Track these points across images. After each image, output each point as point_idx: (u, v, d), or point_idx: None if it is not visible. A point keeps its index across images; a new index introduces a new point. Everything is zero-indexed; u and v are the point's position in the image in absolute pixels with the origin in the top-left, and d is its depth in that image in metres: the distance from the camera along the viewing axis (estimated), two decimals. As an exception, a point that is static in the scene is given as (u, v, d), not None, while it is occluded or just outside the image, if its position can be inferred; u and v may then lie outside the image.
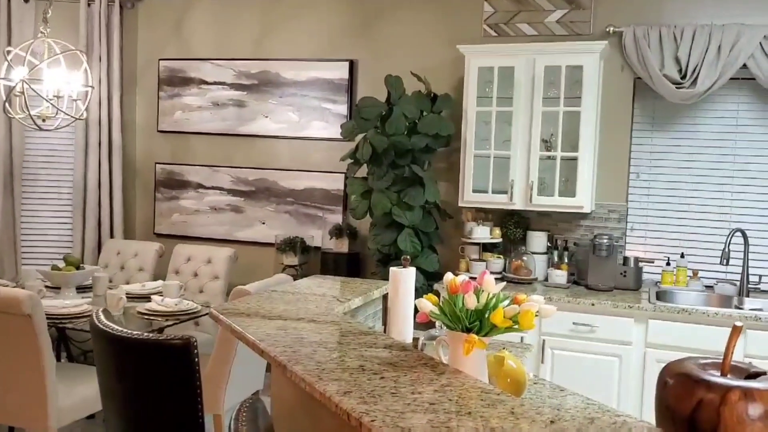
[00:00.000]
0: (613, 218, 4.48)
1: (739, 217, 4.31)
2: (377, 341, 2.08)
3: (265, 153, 5.33)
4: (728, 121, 4.31)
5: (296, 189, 5.22)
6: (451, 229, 4.75)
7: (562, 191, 4.25)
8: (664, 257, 4.39)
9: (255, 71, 5.31)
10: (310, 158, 5.19)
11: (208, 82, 5.46)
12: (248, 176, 5.36)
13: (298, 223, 5.21)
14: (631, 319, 3.83)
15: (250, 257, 5.29)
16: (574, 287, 4.25)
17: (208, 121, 5.47)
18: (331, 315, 2.42)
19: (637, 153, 4.48)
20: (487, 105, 4.35)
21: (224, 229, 5.44)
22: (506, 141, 4.32)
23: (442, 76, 4.75)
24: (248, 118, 5.35)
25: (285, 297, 2.70)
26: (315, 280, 3.13)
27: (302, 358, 1.88)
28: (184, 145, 5.58)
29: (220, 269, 4.86)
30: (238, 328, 2.20)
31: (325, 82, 5.10)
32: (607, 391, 3.85)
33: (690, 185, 4.39)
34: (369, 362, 1.86)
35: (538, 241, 4.42)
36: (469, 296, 1.89)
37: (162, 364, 1.83)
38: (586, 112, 4.16)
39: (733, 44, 4.04)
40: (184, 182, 5.56)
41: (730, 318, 3.64)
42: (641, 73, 4.28)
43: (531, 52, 4.22)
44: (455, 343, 1.93)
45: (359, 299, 2.76)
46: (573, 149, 4.21)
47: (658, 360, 3.76)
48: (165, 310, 3.93)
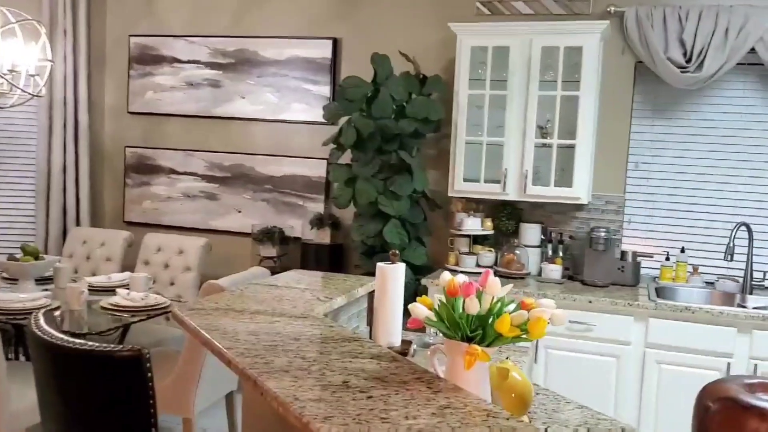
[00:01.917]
0: (611, 210, 4.25)
1: (742, 210, 4.09)
2: (363, 349, 1.81)
3: (242, 137, 5.03)
4: (733, 109, 4.08)
5: (275, 175, 4.93)
6: (439, 220, 4.50)
7: (558, 181, 4.00)
8: (662, 251, 4.17)
9: (232, 49, 5.01)
10: (290, 143, 4.90)
11: (182, 61, 5.15)
12: (224, 161, 5.07)
13: (277, 211, 4.92)
14: (631, 317, 3.60)
15: (225, 248, 5.01)
16: (568, 283, 4.02)
17: (181, 102, 5.16)
18: (310, 317, 2.14)
19: (637, 142, 4.24)
20: (480, 88, 4.08)
21: (198, 217, 5.15)
22: (499, 127, 4.06)
23: (432, 56, 4.47)
24: (224, 99, 5.05)
25: (259, 295, 2.41)
26: (294, 275, 2.85)
27: (276, 371, 1.61)
28: (156, 128, 5.27)
29: (192, 260, 4.58)
30: (203, 332, 1.92)
31: (307, 62, 4.80)
32: (604, 394, 3.64)
33: (691, 176, 4.17)
34: (354, 376, 1.59)
35: (531, 234, 4.18)
36: (470, 300, 1.62)
37: (109, 379, 1.55)
38: (584, 97, 3.91)
39: (741, 27, 3.80)
40: (155, 167, 5.26)
41: (736, 318, 3.43)
42: (643, 57, 4.04)
43: (527, 32, 3.96)
44: (454, 353, 1.66)
45: (342, 298, 2.49)
46: (570, 136, 3.96)
47: (659, 361, 3.56)
48: (131, 305, 3.65)
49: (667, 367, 3.55)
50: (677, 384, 3.52)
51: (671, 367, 3.54)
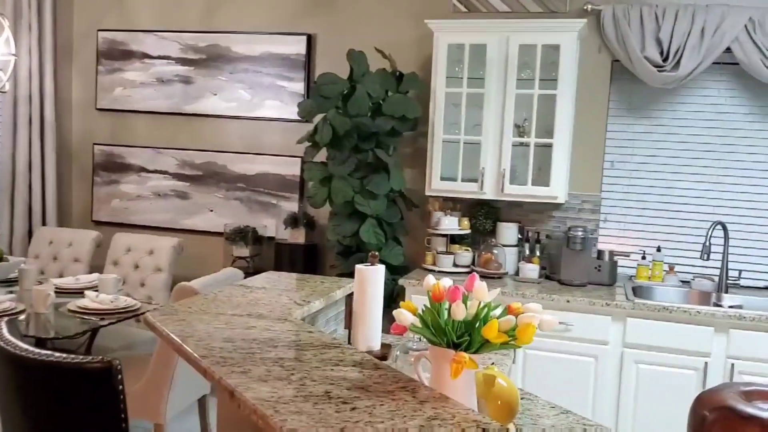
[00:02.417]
0: (587, 209, 4.23)
1: (717, 209, 4.10)
2: (344, 356, 1.75)
3: (214, 134, 4.92)
4: (708, 108, 4.09)
5: (248, 174, 4.83)
6: (416, 220, 4.45)
7: (536, 180, 3.98)
8: (638, 250, 4.16)
9: (203, 45, 4.90)
10: (264, 140, 4.81)
11: (152, 56, 5.03)
12: (195, 159, 4.96)
13: (250, 211, 4.83)
14: (609, 317, 3.59)
15: (197, 248, 4.90)
16: (546, 282, 3.99)
17: (151, 99, 5.04)
18: (288, 322, 2.07)
19: (613, 141, 4.23)
20: (457, 86, 4.03)
21: (169, 216, 5.03)
22: (477, 125, 4.02)
23: (409, 53, 4.42)
24: (195, 95, 4.94)
25: (234, 299, 2.34)
26: (269, 277, 2.77)
27: (254, 381, 1.54)
28: (125, 125, 5.14)
29: (163, 261, 4.47)
30: (177, 339, 1.84)
31: (280, 58, 4.71)
32: (582, 394, 3.62)
33: (667, 175, 4.17)
34: (336, 386, 1.53)
35: (508, 233, 4.14)
36: (457, 306, 1.57)
37: (78, 392, 1.46)
38: (562, 96, 3.88)
39: (717, 26, 3.80)
40: (124, 165, 5.13)
41: (713, 317, 3.43)
42: (620, 55, 4.02)
43: (505, 29, 3.92)
44: (439, 360, 1.61)
45: (320, 301, 2.42)
46: (548, 135, 3.94)
47: (637, 361, 3.55)
48: (100, 308, 3.54)
49: (644, 366, 3.54)
50: (655, 384, 3.51)
51: (649, 367, 3.53)
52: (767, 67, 3.76)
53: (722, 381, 3.43)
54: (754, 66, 3.78)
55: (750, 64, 3.79)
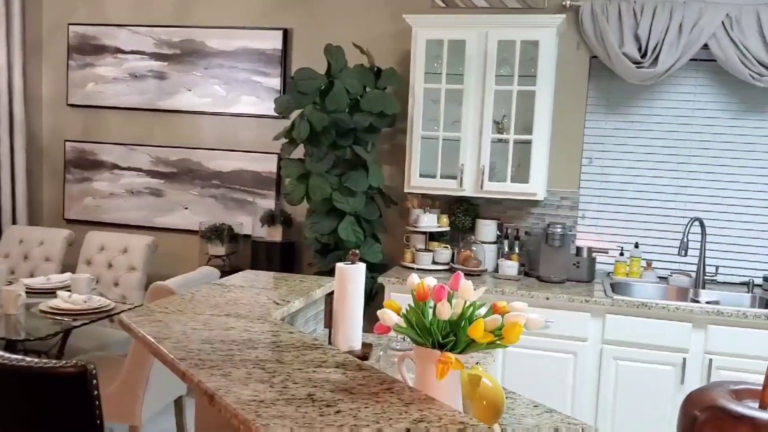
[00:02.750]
0: (566, 206, 4.23)
1: (694, 205, 4.12)
2: (327, 358, 1.70)
3: (189, 130, 4.84)
4: (686, 105, 4.11)
5: (223, 171, 4.76)
6: (395, 217, 4.41)
7: (515, 177, 3.96)
8: (615, 247, 4.17)
9: (177, 39, 4.81)
10: (239, 137, 4.74)
11: (125, 51, 4.93)
12: (169, 156, 4.87)
13: (226, 208, 4.76)
14: (588, 313, 3.59)
15: (172, 246, 4.82)
16: (525, 279, 3.99)
17: (124, 95, 4.94)
18: (268, 322, 2.03)
19: (591, 137, 4.23)
20: (436, 82, 4.00)
21: (142, 214, 4.94)
22: (456, 122, 4.00)
23: (386, 48, 4.38)
24: (170, 91, 4.85)
25: (212, 299, 2.28)
26: (247, 276, 2.72)
27: (235, 384, 1.49)
28: (98, 121, 5.03)
29: (137, 259, 4.39)
30: (154, 341, 1.79)
31: (256, 53, 4.65)
32: (561, 391, 3.62)
33: (644, 171, 4.18)
34: (319, 388, 1.49)
35: (487, 230, 4.12)
36: (442, 305, 1.54)
37: (51, 397, 1.40)
38: (541, 92, 3.87)
39: (694, 22, 3.82)
40: (97, 162, 5.03)
41: (692, 313, 3.44)
42: (598, 51, 4.02)
43: (483, 25, 3.90)
44: (424, 361, 1.58)
45: (300, 301, 2.38)
46: (527, 132, 3.92)
47: (616, 357, 3.55)
48: (72, 308, 3.47)
49: (623, 363, 3.54)
50: (634, 380, 3.52)
51: (628, 363, 3.54)
52: (743, 64, 3.78)
53: (700, 376, 3.44)
54: (731, 62, 3.80)
55: (727, 60, 3.81)
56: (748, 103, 4.03)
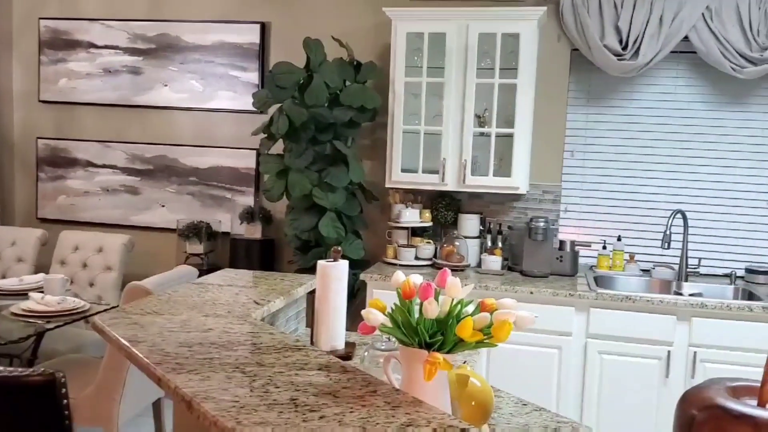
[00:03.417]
0: (548, 200, 4.20)
1: (676, 197, 4.11)
2: (309, 359, 1.65)
3: (165, 127, 4.75)
4: (666, 97, 4.09)
5: (200, 167, 4.68)
6: (376, 213, 4.36)
7: (497, 171, 3.92)
8: (598, 240, 4.15)
9: (152, 34, 4.71)
10: (217, 132, 4.65)
11: (98, 46, 4.82)
12: (145, 153, 4.78)
13: (203, 205, 4.68)
14: (572, 308, 3.56)
15: (149, 245, 4.73)
16: (508, 273, 3.95)
17: (98, 90, 4.83)
18: (248, 323, 1.96)
19: (572, 130, 4.21)
20: (417, 75, 3.95)
21: (118, 212, 4.84)
22: (437, 116, 3.95)
23: (366, 42, 4.31)
24: (145, 86, 4.75)
25: (189, 300, 2.21)
26: (226, 275, 2.65)
27: (214, 389, 1.43)
28: (71, 118, 4.92)
29: (113, 259, 4.29)
30: (128, 345, 1.72)
31: (233, 47, 4.56)
32: (546, 386, 3.59)
33: (626, 164, 4.16)
34: (302, 392, 1.43)
35: (470, 225, 4.08)
36: (429, 303, 1.48)
37: (19, 407, 1.33)
38: (522, 85, 3.83)
39: (675, 14, 3.80)
40: (71, 160, 4.92)
41: (676, 306, 3.42)
42: (579, 44, 3.99)
43: (464, 17, 3.85)
44: (411, 362, 1.52)
45: (280, 300, 2.31)
46: (508, 125, 3.89)
47: (600, 351, 3.53)
48: (46, 310, 3.37)
49: (608, 357, 3.52)
50: (619, 374, 3.50)
51: (612, 357, 3.51)
52: (724, 56, 3.77)
53: (685, 370, 3.43)
54: (711, 54, 3.79)
55: (707, 52, 3.80)
56: (728, 95, 4.02)
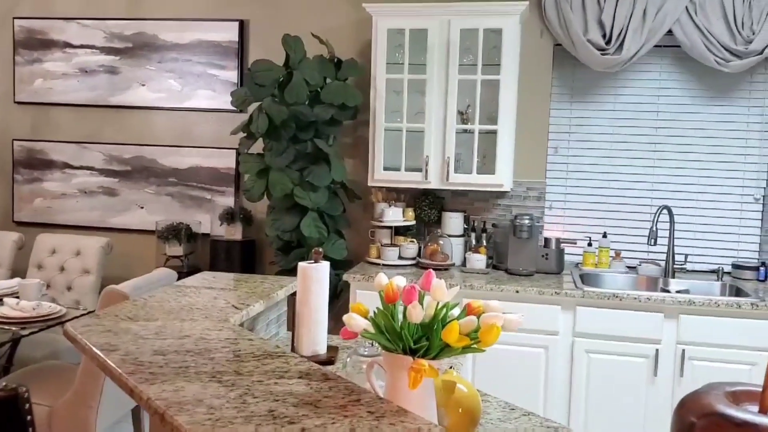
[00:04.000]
0: (532, 197, 4.16)
1: (662, 193, 4.08)
2: (289, 366, 1.58)
3: (143, 127, 4.66)
4: (651, 92, 4.06)
5: (179, 168, 4.59)
6: (359, 212, 4.29)
7: (481, 168, 3.87)
8: (583, 237, 4.11)
9: (129, 33, 4.62)
10: (196, 132, 4.57)
11: (74, 45, 4.72)
12: (123, 154, 4.68)
13: (183, 206, 4.59)
14: (558, 306, 3.51)
15: (128, 247, 4.64)
16: (493, 272, 3.90)
17: (74, 91, 4.73)
18: (226, 329, 1.89)
19: (556, 126, 4.17)
20: (398, 72, 3.89)
21: (96, 215, 4.74)
22: (419, 113, 3.89)
23: (347, 38, 4.25)
24: (122, 86, 4.65)
25: (166, 304, 2.14)
26: (205, 278, 2.58)
27: (188, 400, 1.36)
28: (47, 119, 4.82)
29: (91, 262, 4.20)
30: (100, 354, 1.64)
31: (212, 45, 4.48)
32: (533, 386, 3.54)
33: (610, 159, 4.13)
34: (281, 402, 1.36)
35: (454, 223, 4.03)
36: (414, 307, 1.42)
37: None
38: (505, 81, 3.78)
39: (658, 8, 3.77)
40: (47, 162, 4.81)
41: (663, 303, 3.39)
42: (562, 39, 3.95)
43: (445, 13, 3.79)
44: (395, 368, 1.46)
45: (260, 304, 2.25)
46: (491, 122, 3.84)
47: (587, 350, 3.49)
48: (21, 316, 3.28)
49: (595, 356, 3.48)
50: (606, 373, 3.46)
51: (600, 356, 3.47)
52: (708, 49, 3.74)
53: (673, 368, 3.40)
54: (695, 47, 3.76)
55: (691, 46, 3.77)
56: (713, 90, 4.00)
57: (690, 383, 3.37)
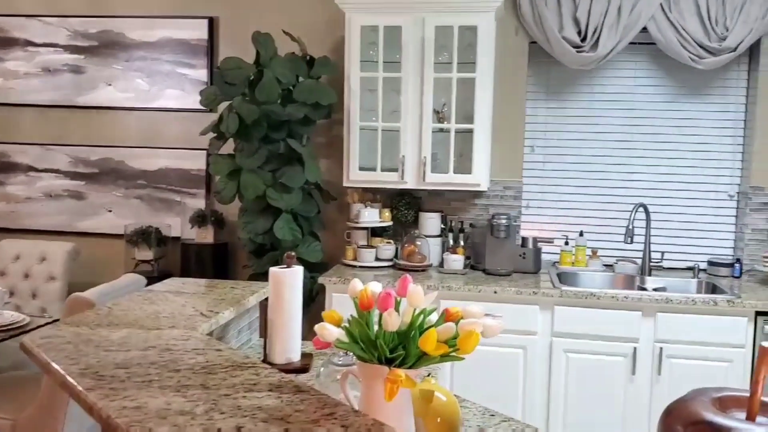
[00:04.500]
0: (509, 196, 4.12)
1: (638, 191, 4.06)
2: (259, 378, 1.50)
3: (110, 128, 4.54)
4: (626, 89, 4.04)
5: (149, 170, 4.48)
6: (334, 213, 4.21)
7: (457, 168, 3.82)
8: (560, 236, 4.08)
9: (94, 31, 4.49)
10: (165, 133, 4.46)
11: (36, 44, 4.58)
12: (90, 156, 4.56)
13: (152, 209, 4.48)
14: (536, 306, 3.47)
15: (96, 252, 4.52)
16: (471, 272, 3.85)
17: (37, 91, 4.60)
18: (193, 338, 1.81)
19: (532, 125, 4.13)
20: (373, 70, 3.82)
21: (62, 219, 4.61)
22: (395, 112, 3.83)
23: (319, 35, 4.17)
24: (88, 86, 4.53)
25: (131, 313, 2.05)
26: (173, 285, 2.48)
27: (151, 418, 1.28)
28: (9, 120, 4.68)
29: (57, 268, 4.09)
30: (59, 369, 1.55)
31: (180, 43, 4.37)
32: (512, 387, 3.50)
33: (587, 158, 4.11)
34: (250, 418, 1.28)
35: (431, 224, 3.97)
36: (389, 315, 1.35)
37: None
38: (481, 79, 3.73)
39: (633, 5, 3.74)
40: (10, 164, 4.68)
41: (640, 301, 3.36)
42: (538, 36, 3.90)
43: (420, 10, 3.73)
44: (370, 379, 1.39)
45: (230, 311, 2.16)
46: (468, 121, 3.78)
47: (566, 350, 3.45)
48: (-18, 325, 3.15)
49: (574, 355, 3.44)
50: (585, 372, 3.43)
51: (578, 356, 3.44)
52: (683, 46, 3.72)
53: (651, 366, 3.37)
54: (670, 44, 3.74)
55: (666, 43, 3.75)
56: (688, 87, 3.98)
57: (668, 381, 3.35)
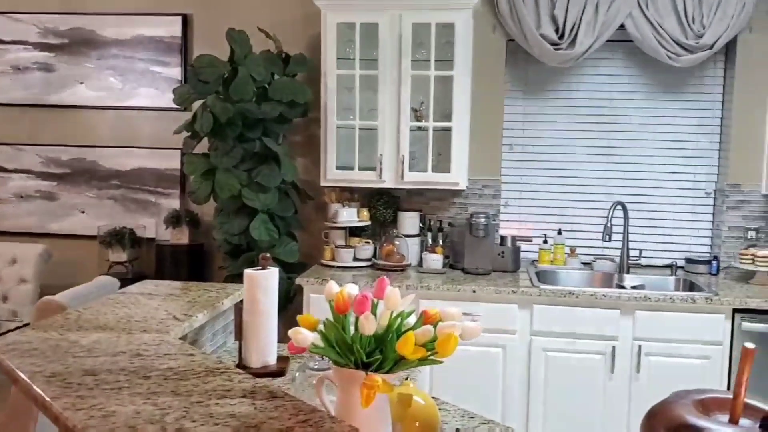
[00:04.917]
0: (488, 194, 4.10)
1: (615, 189, 4.06)
2: (233, 384, 1.46)
3: (82, 127, 4.45)
4: (603, 87, 4.05)
5: (122, 170, 4.40)
6: (312, 213, 4.17)
7: (436, 166, 3.79)
8: (539, 234, 4.07)
9: (65, 28, 4.40)
10: (138, 132, 4.39)
11: (5, 41, 4.49)
12: (61, 156, 4.47)
13: (126, 210, 4.40)
14: (515, 305, 3.45)
15: (68, 254, 4.43)
16: (450, 272, 3.82)
17: (6, 90, 4.51)
18: (165, 343, 1.76)
19: (510, 123, 4.11)
20: (349, 68, 3.78)
21: (34, 220, 4.52)
22: (372, 110, 3.79)
23: (295, 33, 4.12)
24: (59, 85, 4.44)
25: (101, 317, 1.99)
26: (146, 288, 2.43)
27: (119, 427, 1.23)
28: (-22, 119, 4.56)
29: (29, 270, 4.02)
30: (23, 377, 1.50)
31: (154, 41, 4.30)
32: (491, 386, 3.48)
33: (564, 156, 4.10)
34: (222, 426, 1.24)
35: (410, 223, 3.94)
36: (366, 319, 1.32)
37: None
38: (458, 77, 3.71)
39: (611, 2, 3.73)
40: (-21, 165, 4.57)
41: (619, 299, 3.36)
42: (515, 34, 3.89)
43: (397, 7, 3.70)
44: (346, 384, 1.36)
45: (204, 314, 2.11)
46: (446, 119, 3.76)
47: (544, 348, 3.44)
48: (-51, 330, 3.06)
49: (553, 354, 3.43)
50: (564, 371, 3.42)
51: (557, 354, 3.43)
52: (660, 44, 3.73)
53: (630, 364, 3.37)
54: (647, 42, 3.74)
55: (643, 40, 3.75)
56: (665, 85, 3.99)
57: (646, 379, 3.36)
